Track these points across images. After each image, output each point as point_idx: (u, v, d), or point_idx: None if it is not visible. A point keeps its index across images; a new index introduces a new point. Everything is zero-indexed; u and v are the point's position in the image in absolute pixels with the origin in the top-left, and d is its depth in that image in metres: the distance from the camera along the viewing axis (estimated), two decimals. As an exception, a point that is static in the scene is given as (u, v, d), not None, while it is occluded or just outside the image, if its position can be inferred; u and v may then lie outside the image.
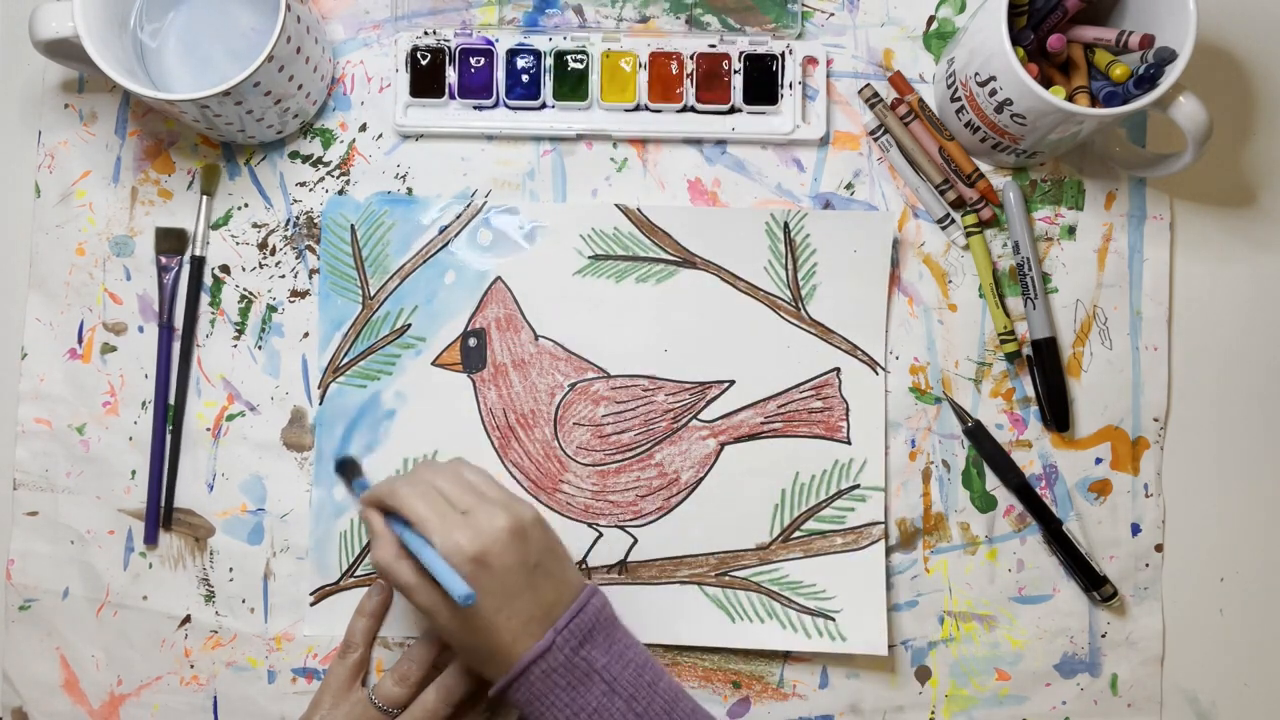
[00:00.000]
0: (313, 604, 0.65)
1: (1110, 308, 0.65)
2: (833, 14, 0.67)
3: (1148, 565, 0.65)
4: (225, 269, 0.66)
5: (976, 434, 0.64)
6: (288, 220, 0.67)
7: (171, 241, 0.66)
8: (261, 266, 0.66)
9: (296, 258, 0.66)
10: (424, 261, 0.66)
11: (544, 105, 0.66)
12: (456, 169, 0.66)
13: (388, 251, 0.66)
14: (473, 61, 0.65)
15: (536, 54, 0.65)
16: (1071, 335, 0.65)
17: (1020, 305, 0.65)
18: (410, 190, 0.67)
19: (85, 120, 0.67)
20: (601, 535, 0.64)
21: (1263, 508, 0.66)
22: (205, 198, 0.66)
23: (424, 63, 0.65)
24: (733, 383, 0.65)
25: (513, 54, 0.65)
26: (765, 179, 0.66)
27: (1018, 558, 0.65)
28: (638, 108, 0.66)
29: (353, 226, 0.66)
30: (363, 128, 0.67)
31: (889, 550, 0.64)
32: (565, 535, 0.64)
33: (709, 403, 0.65)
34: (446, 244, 0.66)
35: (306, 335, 0.66)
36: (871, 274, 0.65)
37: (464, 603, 0.51)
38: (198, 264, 0.66)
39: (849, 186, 0.66)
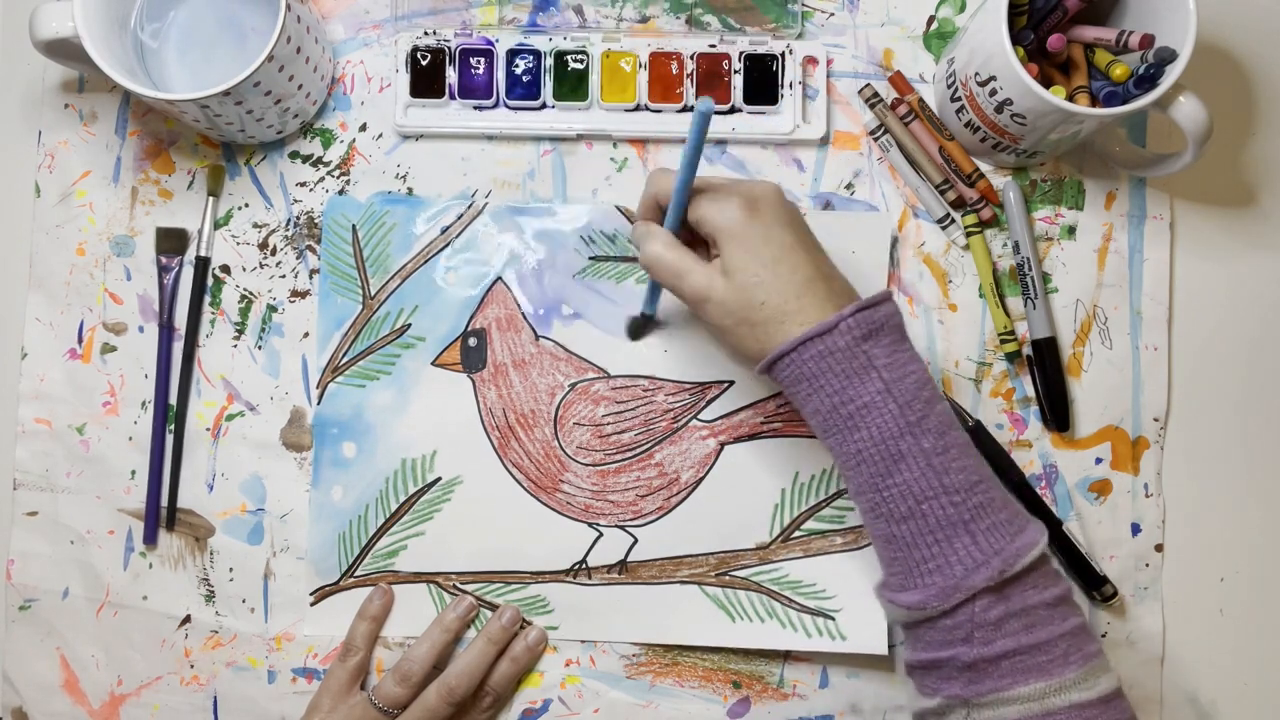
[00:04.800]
0: (313, 604, 0.65)
1: (1110, 308, 0.65)
2: (833, 14, 0.67)
3: (1148, 565, 0.65)
4: (225, 269, 0.66)
5: (976, 434, 0.64)
6: (288, 220, 0.67)
7: (172, 241, 0.66)
8: (262, 266, 0.66)
9: (297, 258, 0.66)
10: (425, 261, 0.66)
11: (544, 105, 0.66)
12: (457, 169, 0.66)
13: (389, 251, 0.66)
14: (473, 62, 0.65)
15: (536, 54, 0.65)
16: (1071, 335, 0.65)
17: (1020, 305, 0.65)
18: (410, 190, 0.67)
19: (85, 120, 0.67)
20: (601, 535, 0.64)
21: (1263, 508, 0.66)
22: (211, 199, 0.66)
23: (424, 63, 0.65)
24: (732, 383, 0.65)
25: (513, 54, 0.65)
26: (765, 179, 0.66)
27: (1018, 558, 0.65)
28: (638, 108, 0.66)
29: (354, 226, 0.66)
30: (363, 128, 0.67)
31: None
32: (565, 535, 0.64)
33: (709, 403, 0.65)
34: (447, 244, 0.66)
35: (306, 335, 0.66)
36: (870, 274, 0.65)
37: (705, 109, 0.50)
38: (202, 264, 0.66)
39: (849, 186, 0.66)
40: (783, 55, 0.65)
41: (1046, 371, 0.64)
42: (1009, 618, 0.48)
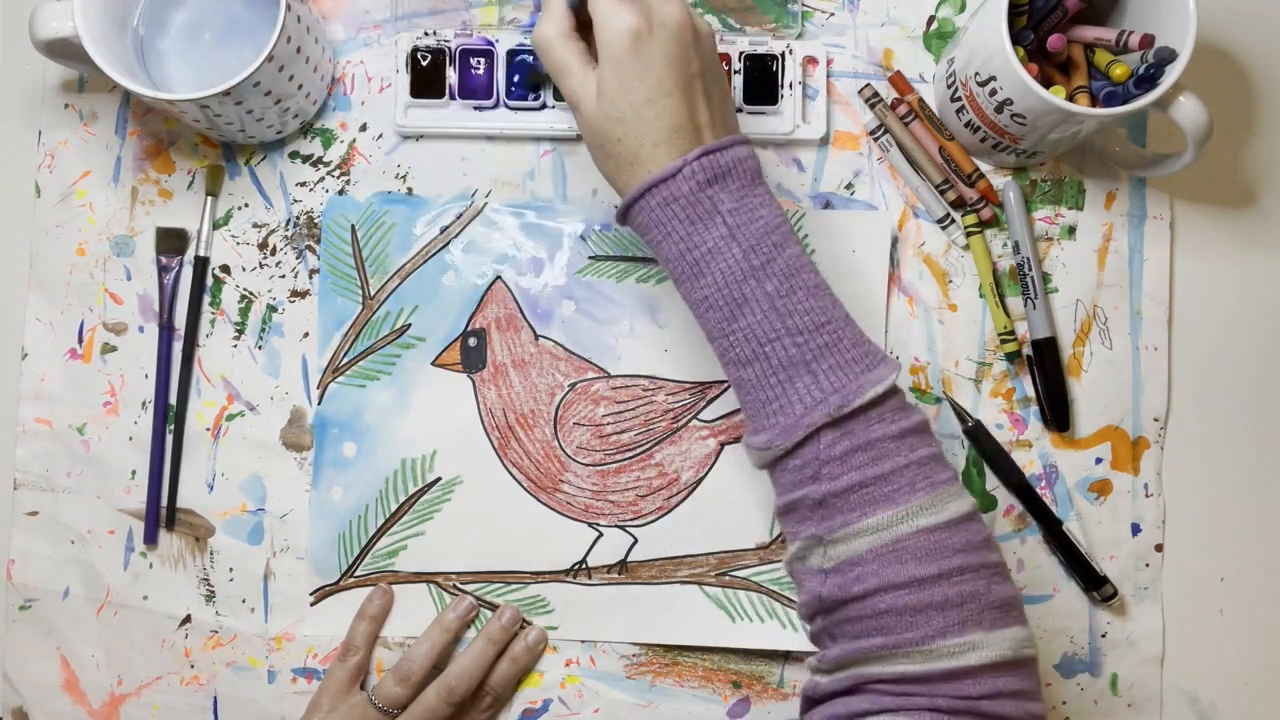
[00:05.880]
0: (313, 604, 0.65)
1: (1110, 308, 0.65)
2: (833, 14, 0.67)
3: (1148, 565, 0.65)
4: (225, 269, 0.66)
5: (976, 434, 0.64)
6: (288, 220, 0.67)
7: (172, 241, 0.66)
8: (262, 266, 0.66)
9: (297, 258, 0.66)
10: (424, 261, 0.66)
11: (544, 106, 0.66)
12: (457, 169, 0.66)
13: (388, 251, 0.66)
14: (473, 62, 0.65)
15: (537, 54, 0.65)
16: (1071, 335, 0.65)
17: (1020, 305, 0.65)
18: (410, 190, 0.67)
19: (85, 120, 0.67)
20: (601, 535, 0.64)
21: (1263, 508, 0.66)
22: (210, 198, 0.66)
23: (424, 63, 0.65)
24: (733, 383, 0.65)
25: (513, 54, 0.65)
26: (765, 179, 0.66)
27: (1018, 558, 0.65)
28: (638, 108, 0.66)
29: (353, 226, 0.66)
30: (363, 128, 0.67)
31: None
32: (565, 535, 0.64)
33: (709, 403, 0.65)
34: (447, 244, 0.66)
35: (306, 335, 0.66)
36: (870, 274, 0.65)
37: None
38: (201, 264, 0.66)
39: (849, 186, 0.66)
40: (783, 55, 0.65)
41: (1046, 371, 0.64)
42: (854, 452, 0.47)
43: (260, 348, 0.66)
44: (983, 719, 0.45)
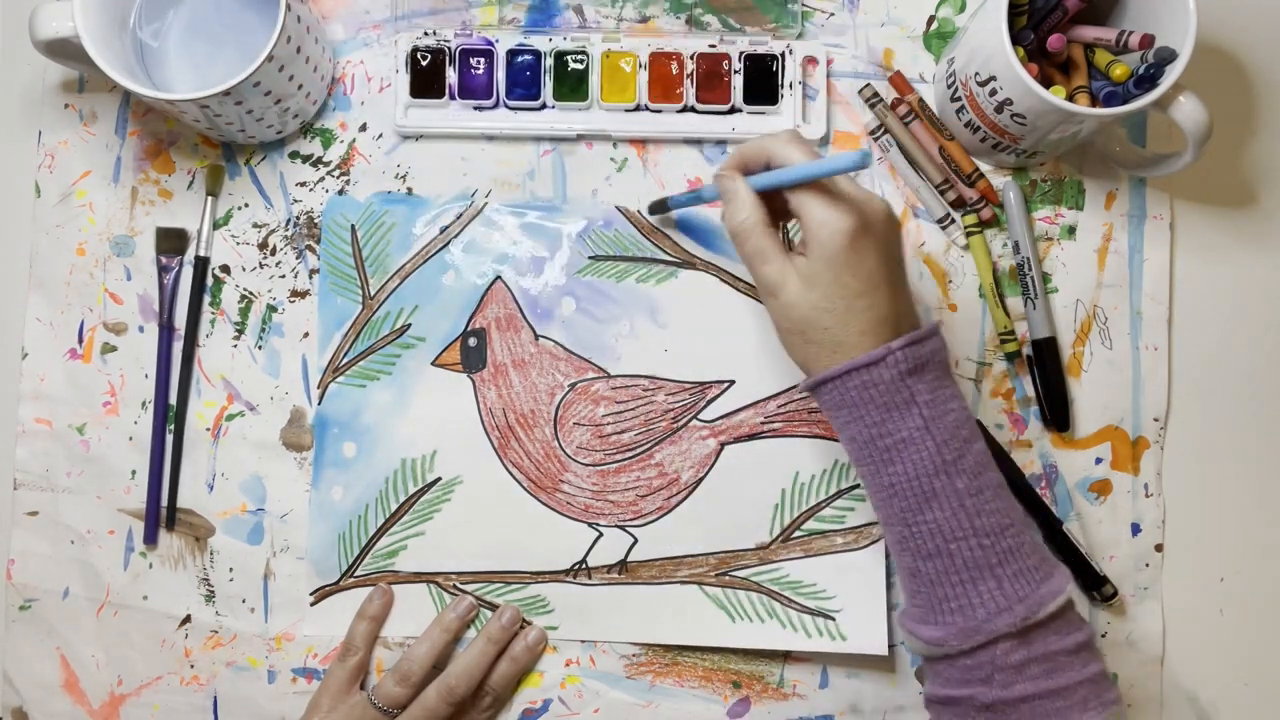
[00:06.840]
0: (313, 604, 0.65)
1: (1110, 308, 0.65)
2: (833, 14, 0.67)
3: (1148, 565, 0.65)
4: (225, 269, 0.66)
5: (976, 434, 0.64)
6: (288, 220, 0.67)
7: (172, 241, 0.66)
8: (262, 266, 0.66)
9: (297, 258, 0.66)
10: (424, 261, 0.66)
11: (544, 105, 0.66)
12: (457, 169, 0.66)
13: (388, 251, 0.66)
14: (473, 62, 0.65)
15: (536, 54, 0.65)
16: (1071, 335, 0.65)
17: (1020, 305, 0.65)
18: (410, 190, 0.67)
19: (85, 120, 0.67)
20: (601, 535, 0.64)
21: (1263, 508, 0.66)
22: (210, 198, 0.66)
23: (424, 63, 0.65)
24: (733, 383, 0.65)
25: (513, 54, 0.65)
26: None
27: (1018, 558, 0.65)
28: (638, 108, 0.66)
29: (353, 226, 0.66)
30: (363, 128, 0.67)
31: (889, 550, 0.64)
32: (565, 535, 0.64)
33: (709, 403, 0.65)
34: (447, 244, 0.66)
35: (306, 335, 0.66)
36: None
37: (862, 163, 0.47)
38: (202, 264, 0.66)
39: (849, 186, 0.66)
40: (783, 55, 0.65)
41: (1046, 371, 0.64)
42: (1030, 662, 0.48)
43: (260, 348, 0.66)
44: None
